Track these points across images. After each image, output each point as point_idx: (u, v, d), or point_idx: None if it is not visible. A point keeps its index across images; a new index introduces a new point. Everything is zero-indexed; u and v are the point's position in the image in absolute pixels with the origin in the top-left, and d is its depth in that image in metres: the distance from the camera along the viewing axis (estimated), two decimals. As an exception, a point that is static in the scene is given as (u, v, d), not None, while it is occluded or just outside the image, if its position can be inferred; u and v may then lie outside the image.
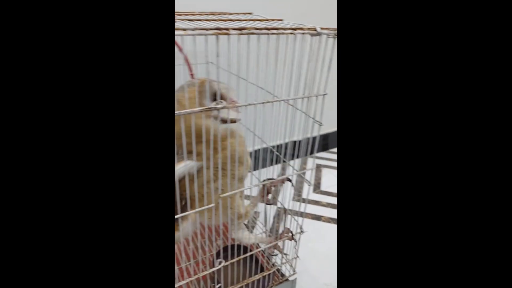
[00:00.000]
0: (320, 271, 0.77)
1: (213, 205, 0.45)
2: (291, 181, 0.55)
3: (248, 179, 0.58)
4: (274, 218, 0.92)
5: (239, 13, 0.61)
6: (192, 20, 0.47)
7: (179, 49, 0.73)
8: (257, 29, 0.37)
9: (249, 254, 0.57)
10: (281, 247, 0.63)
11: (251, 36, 0.38)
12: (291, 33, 0.40)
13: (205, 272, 0.53)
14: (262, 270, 0.63)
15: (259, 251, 0.62)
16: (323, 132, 1.35)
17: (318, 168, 1.25)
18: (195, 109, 0.38)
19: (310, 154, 0.56)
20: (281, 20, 0.53)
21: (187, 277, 0.52)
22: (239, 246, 0.63)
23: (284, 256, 0.64)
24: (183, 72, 0.76)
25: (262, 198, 0.58)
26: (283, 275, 0.66)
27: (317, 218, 0.95)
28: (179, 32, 0.33)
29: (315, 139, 0.50)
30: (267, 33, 0.38)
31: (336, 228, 0.91)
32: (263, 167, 0.91)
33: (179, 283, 0.50)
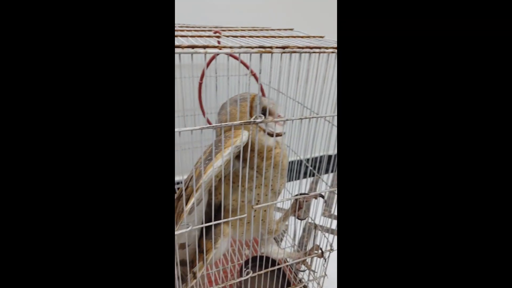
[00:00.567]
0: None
1: (245, 215, 0.46)
2: (323, 197, 0.55)
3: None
4: (303, 233, 0.91)
5: (280, 29, 0.63)
6: (236, 36, 0.49)
7: (245, 66, 0.77)
8: (299, 47, 0.38)
9: (276, 267, 0.56)
10: (310, 264, 0.62)
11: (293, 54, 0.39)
12: (333, 52, 0.40)
13: (232, 281, 0.54)
14: (289, 285, 0.62)
15: (287, 265, 0.62)
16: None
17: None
18: (235, 122, 0.40)
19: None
20: (322, 37, 0.54)
21: (214, 285, 0.53)
22: (268, 258, 0.63)
23: (312, 273, 0.63)
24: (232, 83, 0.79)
25: (294, 212, 0.58)
26: (309, 293, 0.65)
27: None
28: (226, 50, 0.35)
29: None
30: (309, 52, 0.39)
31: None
32: (294, 180, 0.91)
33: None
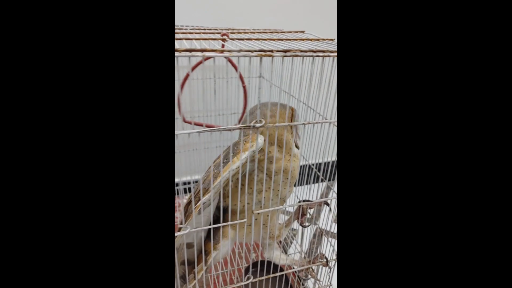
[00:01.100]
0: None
1: (245, 220, 0.46)
2: (329, 205, 0.53)
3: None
4: (313, 238, 0.89)
5: (291, 32, 0.62)
6: (242, 39, 0.48)
7: (234, 68, 0.77)
8: (301, 51, 0.37)
9: (278, 274, 0.55)
10: (316, 272, 0.60)
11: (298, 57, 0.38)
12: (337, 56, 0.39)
13: (234, 285, 0.53)
14: (292, 292, 0.61)
15: (292, 272, 0.61)
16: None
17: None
18: (234, 126, 0.39)
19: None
20: (332, 39, 0.52)
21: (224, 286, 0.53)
22: (272, 264, 0.63)
23: (317, 281, 0.62)
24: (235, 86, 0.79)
25: (297, 219, 0.57)
26: (314, 302, 0.63)
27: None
28: (225, 53, 0.34)
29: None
30: (312, 55, 0.38)
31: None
32: (305, 184, 0.89)
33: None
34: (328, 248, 0.59)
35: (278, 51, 0.36)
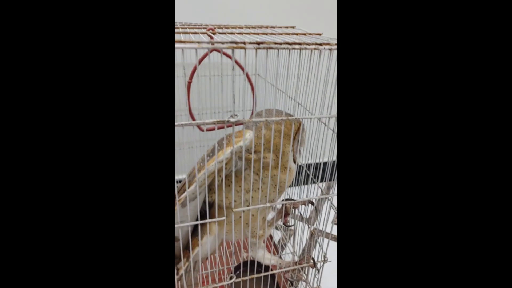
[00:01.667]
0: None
1: (224, 218, 0.45)
2: (313, 204, 0.51)
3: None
4: (309, 240, 0.87)
5: (281, 27, 0.60)
6: (232, 33, 0.47)
7: (240, 68, 0.76)
8: (276, 43, 0.36)
9: (263, 274, 0.54)
10: (304, 273, 0.58)
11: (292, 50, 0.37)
12: (316, 48, 0.38)
13: (216, 284, 0.53)
14: (280, 293, 0.60)
15: (280, 273, 0.59)
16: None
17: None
18: (211, 120, 0.39)
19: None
20: (319, 34, 0.51)
21: (206, 285, 0.52)
22: (260, 264, 0.61)
23: (307, 284, 0.60)
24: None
25: (280, 218, 0.56)
26: (303, 304, 0.62)
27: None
28: (194, 45, 0.34)
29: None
30: (288, 48, 0.37)
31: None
32: (303, 185, 0.88)
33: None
34: (317, 248, 0.57)
35: (251, 43, 0.35)
